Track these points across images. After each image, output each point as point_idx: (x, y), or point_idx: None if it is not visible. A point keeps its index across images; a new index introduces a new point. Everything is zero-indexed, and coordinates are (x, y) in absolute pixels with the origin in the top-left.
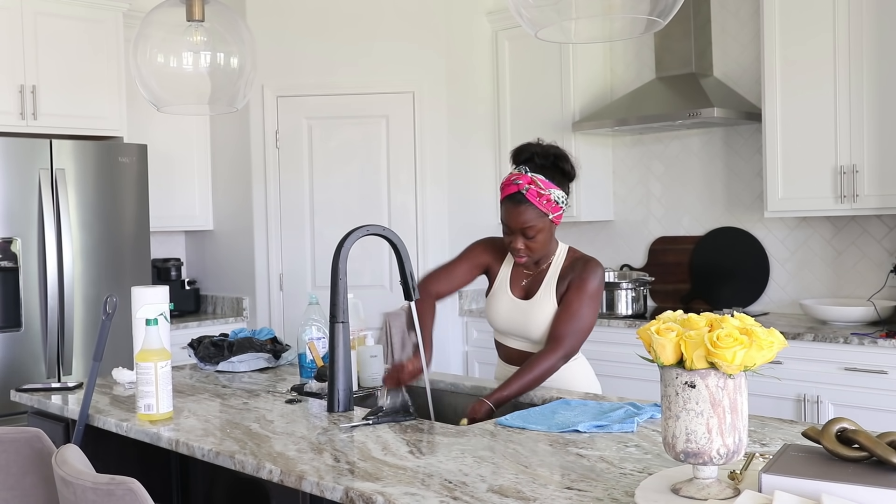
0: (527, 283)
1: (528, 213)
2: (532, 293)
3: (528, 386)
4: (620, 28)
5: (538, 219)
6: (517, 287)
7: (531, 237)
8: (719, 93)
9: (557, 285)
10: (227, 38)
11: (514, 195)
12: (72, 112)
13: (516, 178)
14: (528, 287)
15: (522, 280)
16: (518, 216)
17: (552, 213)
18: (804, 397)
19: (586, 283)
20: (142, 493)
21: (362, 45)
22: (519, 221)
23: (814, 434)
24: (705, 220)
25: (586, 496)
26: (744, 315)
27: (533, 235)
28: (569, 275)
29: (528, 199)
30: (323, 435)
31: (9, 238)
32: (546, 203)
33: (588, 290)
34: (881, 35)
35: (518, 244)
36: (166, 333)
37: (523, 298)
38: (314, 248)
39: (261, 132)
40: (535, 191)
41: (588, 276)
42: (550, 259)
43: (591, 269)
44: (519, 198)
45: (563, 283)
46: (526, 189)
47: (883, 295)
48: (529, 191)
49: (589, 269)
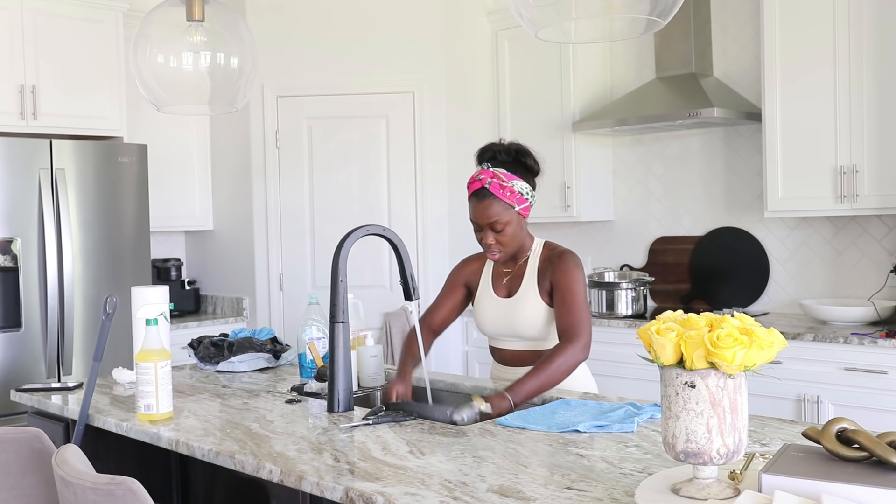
0: (508, 282)
1: (493, 207)
2: (514, 290)
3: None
4: (620, 28)
5: (504, 211)
6: (499, 287)
7: (500, 230)
8: (719, 93)
9: (538, 280)
10: (227, 38)
11: (479, 191)
12: (72, 112)
13: (479, 175)
14: (509, 285)
15: (503, 279)
16: (484, 210)
17: (517, 204)
18: (804, 397)
19: (571, 272)
20: (142, 493)
21: (362, 44)
22: (486, 216)
23: (814, 434)
24: (705, 220)
25: (586, 496)
26: (744, 315)
27: (501, 229)
28: (547, 269)
29: (491, 193)
30: (323, 435)
31: (9, 238)
32: (510, 195)
33: (576, 279)
34: (881, 35)
35: (488, 239)
36: (166, 333)
37: (506, 297)
38: (314, 248)
39: (261, 132)
40: (498, 183)
41: (569, 266)
42: (527, 254)
43: (570, 258)
44: (483, 193)
45: (543, 278)
46: (489, 183)
47: (883, 295)
48: (492, 184)
49: (566, 260)
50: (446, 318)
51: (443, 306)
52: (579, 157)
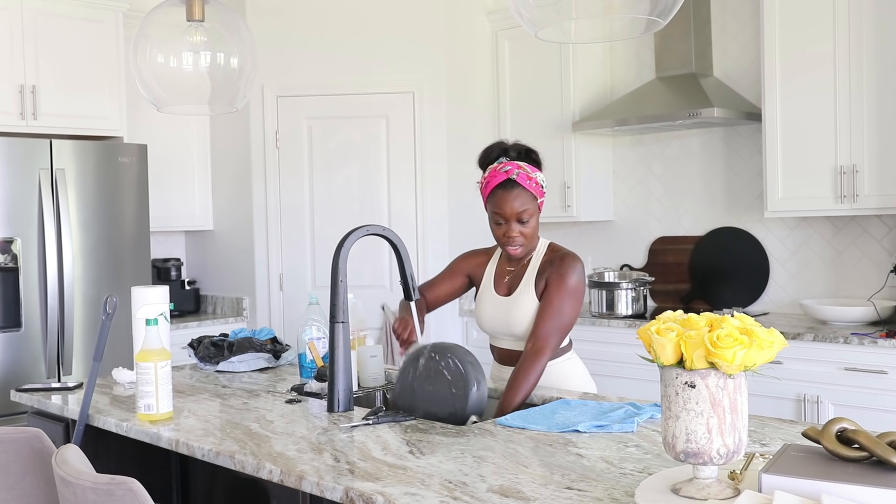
0: (508, 280)
1: (522, 197)
2: (513, 289)
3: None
4: (620, 28)
5: (531, 202)
6: (500, 285)
7: (526, 221)
8: (719, 93)
9: (536, 280)
10: (227, 38)
11: (505, 182)
12: (72, 112)
13: (503, 167)
14: (509, 283)
15: (505, 277)
16: (513, 201)
17: (540, 196)
18: (804, 397)
19: (565, 278)
20: (142, 493)
21: (362, 44)
22: (514, 206)
23: (814, 434)
24: (705, 220)
25: (586, 496)
26: (744, 315)
27: (527, 220)
28: (546, 270)
29: (519, 183)
30: (323, 435)
31: (9, 238)
32: (535, 186)
33: (568, 286)
34: (881, 35)
35: (513, 232)
36: (166, 333)
37: (506, 295)
38: (314, 248)
39: (261, 132)
40: (525, 174)
41: (567, 271)
42: (531, 254)
43: (569, 263)
44: (511, 184)
45: (541, 278)
46: (516, 174)
47: (883, 295)
48: (520, 175)
49: (567, 263)
50: (439, 298)
51: (440, 286)
52: (579, 157)
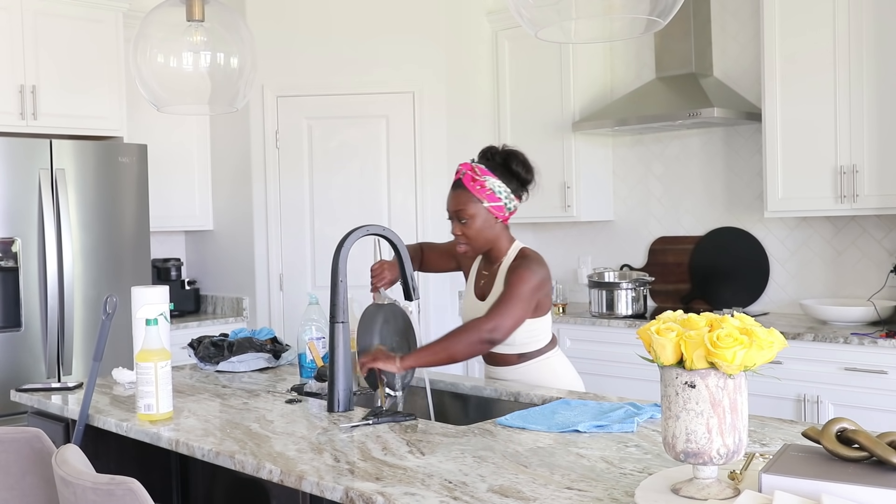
0: (483, 284)
1: (461, 197)
2: (486, 293)
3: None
4: (620, 28)
5: (470, 203)
6: (478, 286)
7: (464, 222)
8: (719, 93)
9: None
10: (226, 38)
11: (454, 182)
12: (72, 112)
13: (459, 167)
14: (483, 287)
15: (481, 281)
16: (452, 199)
17: (487, 200)
18: (804, 397)
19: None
20: (142, 493)
21: (362, 44)
22: (452, 204)
23: (814, 434)
24: (705, 220)
25: (586, 496)
26: (744, 315)
27: (466, 220)
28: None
29: (462, 184)
30: (323, 435)
31: (9, 238)
32: (480, 189)
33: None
34: (881, 35)
35: (455, 230)
36: (166, 333)
37: (480, 299)
38: (314, 248)
39: (261, 132)
40: (471, 176)
41: (520, 266)
42: (502, 259)
43: (525, 261)
44: (456, 183)
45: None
46: (462, 174)
47: (883, 295)
48: (465, 175)
49: (522, 262)
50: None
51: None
52: (579, 157)
